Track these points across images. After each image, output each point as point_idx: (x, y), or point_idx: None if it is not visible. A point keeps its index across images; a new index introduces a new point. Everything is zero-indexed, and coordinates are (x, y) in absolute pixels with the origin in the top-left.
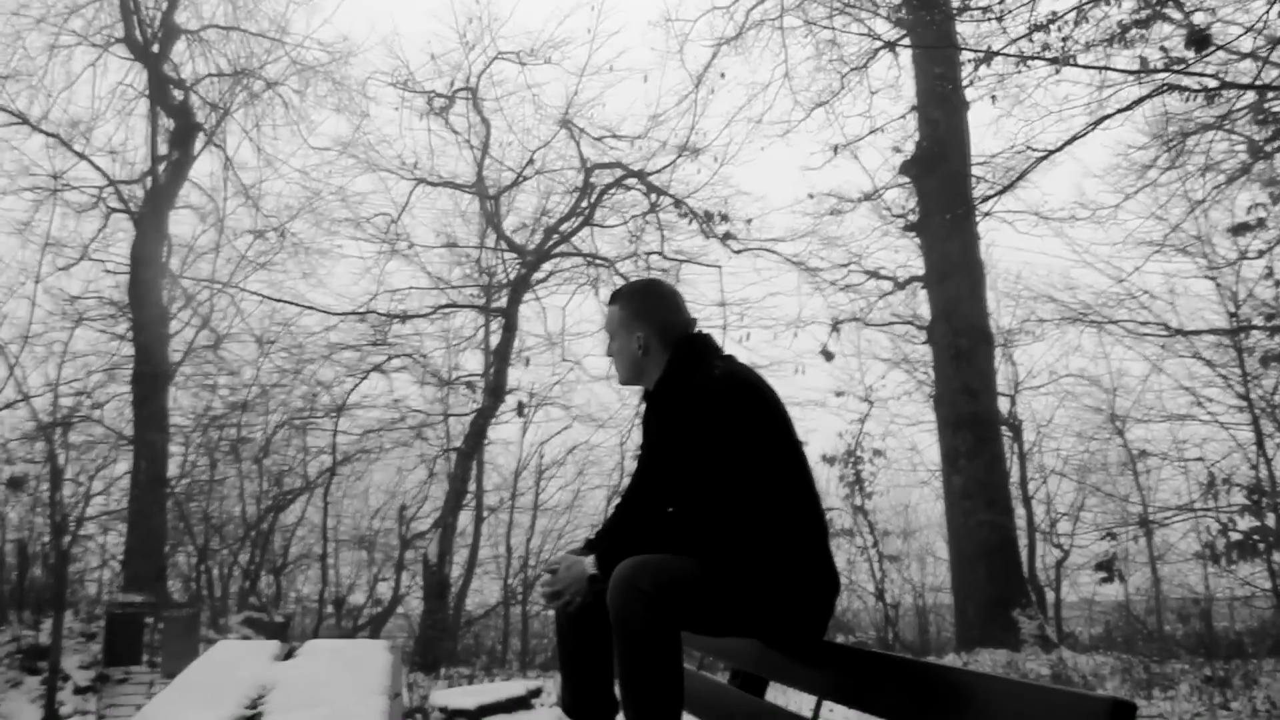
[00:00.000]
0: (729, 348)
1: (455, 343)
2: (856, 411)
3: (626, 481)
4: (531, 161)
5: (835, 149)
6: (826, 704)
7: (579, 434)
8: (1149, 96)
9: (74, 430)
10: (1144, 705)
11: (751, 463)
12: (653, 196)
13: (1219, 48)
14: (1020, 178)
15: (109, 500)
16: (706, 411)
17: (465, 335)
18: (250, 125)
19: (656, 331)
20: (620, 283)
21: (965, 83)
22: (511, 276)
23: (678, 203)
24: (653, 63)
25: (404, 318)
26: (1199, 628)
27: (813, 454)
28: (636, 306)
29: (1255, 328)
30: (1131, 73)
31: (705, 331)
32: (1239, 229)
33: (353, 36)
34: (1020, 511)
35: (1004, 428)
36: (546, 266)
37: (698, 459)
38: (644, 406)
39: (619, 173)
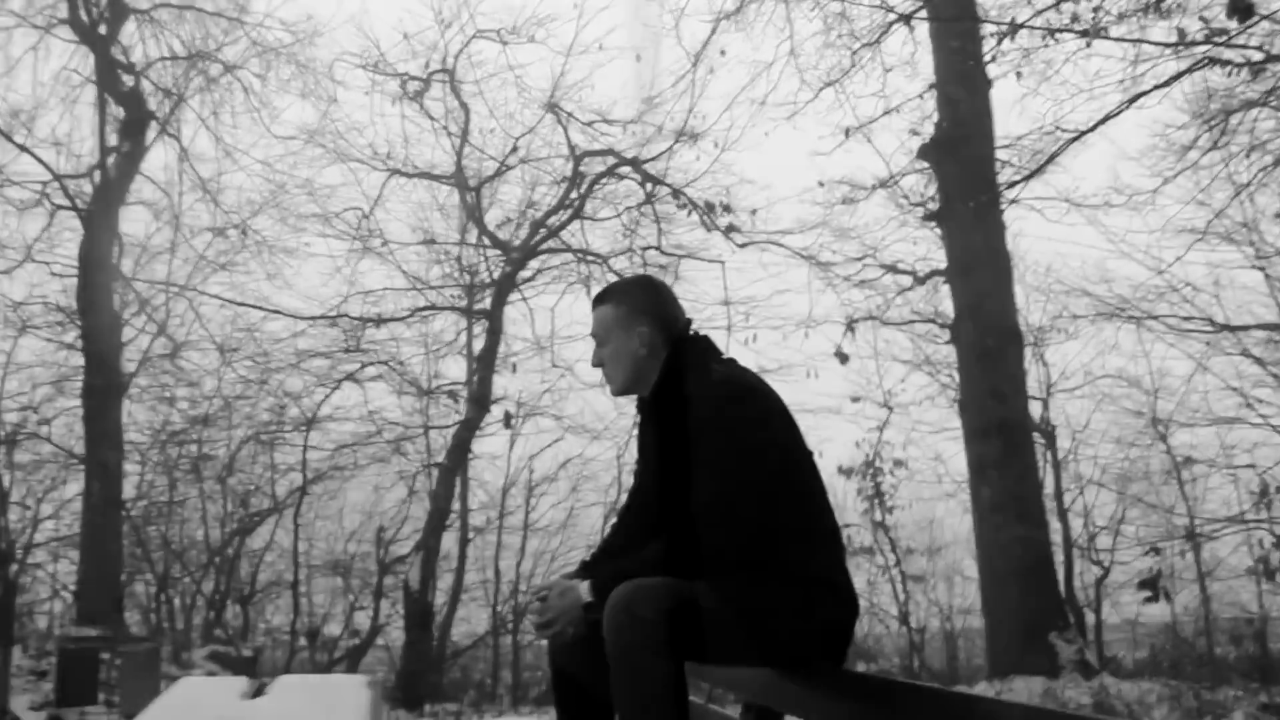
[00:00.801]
0: (734, 350)
1: (435, 348)
2: (875, 418)
3: (624, 498)
4: (515, 149)
5: (847, 132)
6: None
7: (572, 447)
8: (1188, 71)
9: (19, 449)
10: None
11: (759, 476)
12: (648, 186)
13: (1264, 18)
14: (1049, 161)
15: (59, 525)
16: (707, 420)
17: (446, 340)
18: (207, 113)
19: (660, 327)
20: (614, 280)
21: (987, 58)
22: (495, 275)
23: (676, 193)
24: (646, 40)
25: (379, 321)
26: (1253, 650)
27: (828, 465)
28: (636, 301)
29: None
30: (1169, 45)
31: (703, 333)
32: None
33: (318, 15)
34: (1055, 525)
35: (1036, 434)
36: (533, 264)
37: (700, 472)
38: (641, 416)
39: (611, 160)
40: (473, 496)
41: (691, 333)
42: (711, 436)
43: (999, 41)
